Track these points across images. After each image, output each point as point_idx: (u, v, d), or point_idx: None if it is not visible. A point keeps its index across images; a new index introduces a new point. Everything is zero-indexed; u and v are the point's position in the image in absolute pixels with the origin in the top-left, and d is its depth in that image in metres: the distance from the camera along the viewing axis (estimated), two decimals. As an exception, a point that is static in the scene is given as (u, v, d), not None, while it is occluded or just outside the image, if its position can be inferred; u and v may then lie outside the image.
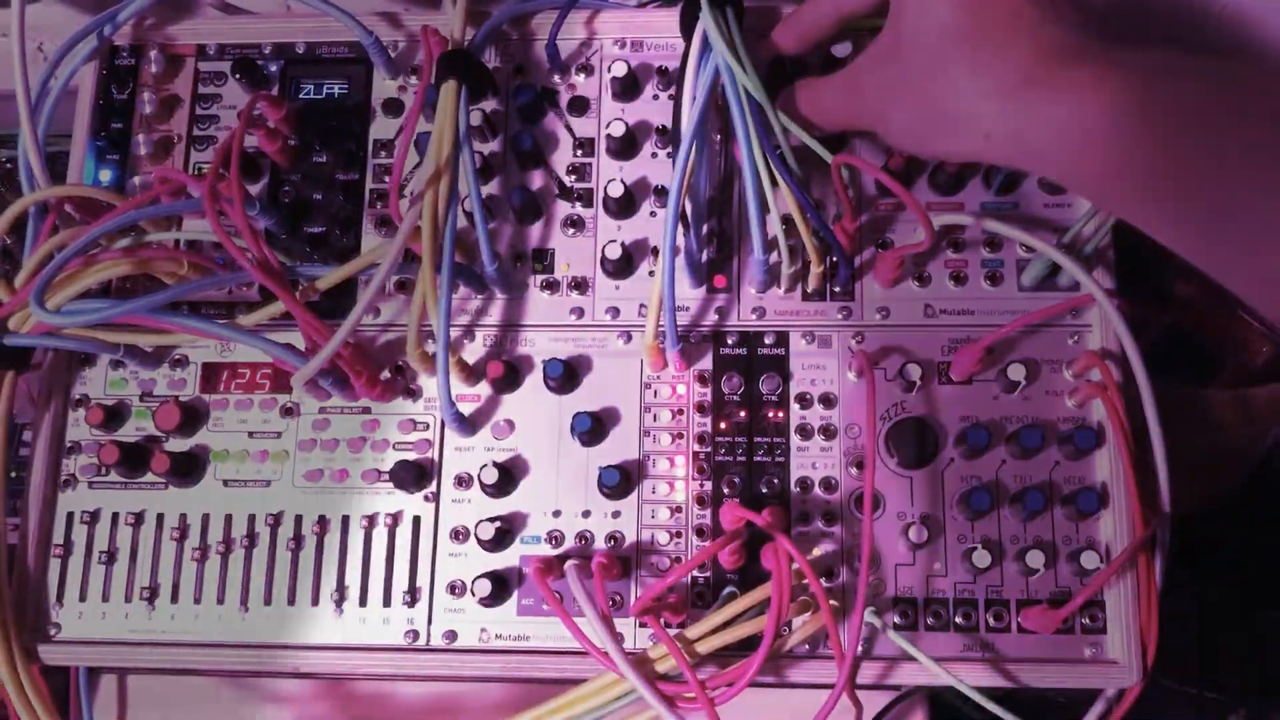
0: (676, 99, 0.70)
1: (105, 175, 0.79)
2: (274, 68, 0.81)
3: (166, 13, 0.82)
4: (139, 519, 0.74)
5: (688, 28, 0.70)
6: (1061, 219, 0.75)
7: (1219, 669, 1.01)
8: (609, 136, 0.76)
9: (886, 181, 0.64)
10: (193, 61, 0.81)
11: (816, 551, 0.70)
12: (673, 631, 0.66)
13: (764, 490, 0.72)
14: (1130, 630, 0.69)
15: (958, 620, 0.70)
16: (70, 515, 0.74)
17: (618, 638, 0.64)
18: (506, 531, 0.72)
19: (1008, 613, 0.70)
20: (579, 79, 0.79)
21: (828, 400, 0.73)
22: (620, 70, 0.76)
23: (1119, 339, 0.71)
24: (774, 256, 0.72)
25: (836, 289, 0.75)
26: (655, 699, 0.62)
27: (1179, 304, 1.06)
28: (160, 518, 0.74)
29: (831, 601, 0.65)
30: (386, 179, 0.78)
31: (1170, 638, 0.70)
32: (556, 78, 0.79)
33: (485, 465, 0.71)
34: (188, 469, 0.74)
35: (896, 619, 0.70)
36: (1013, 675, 0.69)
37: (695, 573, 0.71)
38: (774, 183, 0.68)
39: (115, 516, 0.74)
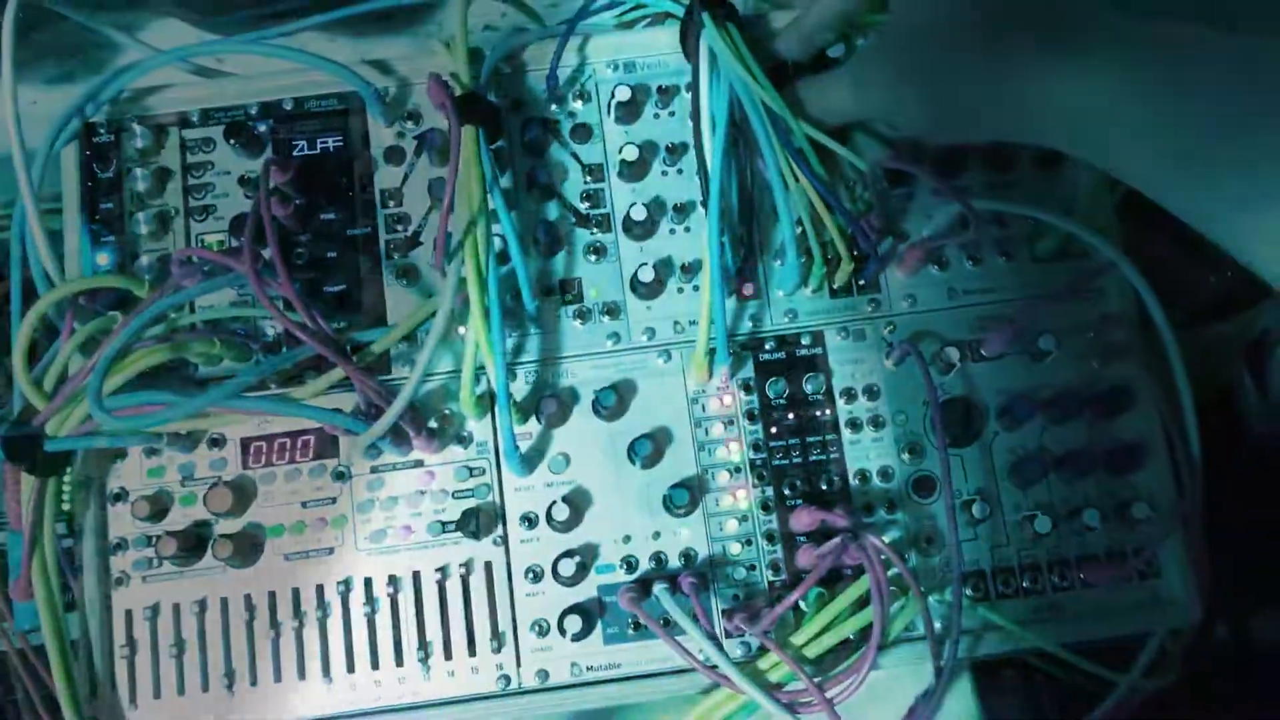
0: (695, 120, 0.71)
1: (104, 259, 0.76)
2: (263, 127, 0.79)
3: (140, 83, 0.79)
4: (202, 606, 0.72)
5: (692, 47, 0.71)
6: (1062, 191, 0.78)
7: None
8: (622, 161, 0.76)
9: (938, 184, 0.66)
10: (177, 131, 0.79)
11: (886, 539, 0.73)
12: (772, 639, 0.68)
13: (824, 487, 0.74)
14: (1185, 569, 0.73)
15: (1025, 585, 0.73)
16: (129, 613, 0.72)
17: (727, 654, 0.65)
18: (582, 564, 0.72)
19: (1070, 571, 0.73)
20: (578, 106, 0.80)
21: (871, 392, 0.76)
22: (625, 95, 0.76)
23: (1136, 298, 0.75)
24: (801, 257, 0.74)
25: (862, 283, 0.77)
26: (777, 709, 0.64)
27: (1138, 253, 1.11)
28: (225, 601, 0.72)
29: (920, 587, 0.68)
30: (399, 229, 0.77)
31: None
32: (554, 107, 0.80)
33: (555, 502, 0.72)
34: (246, 549, 0.72)
35: (969, 592, 0.73)
36: (1081, 628, 0.72)
37: (771, 576, 0.73)
38: (797, 183, 0.69)
39: (177, 607, 0.72)
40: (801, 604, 0.71)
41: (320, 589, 0.73)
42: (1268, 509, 1.17)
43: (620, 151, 0.76)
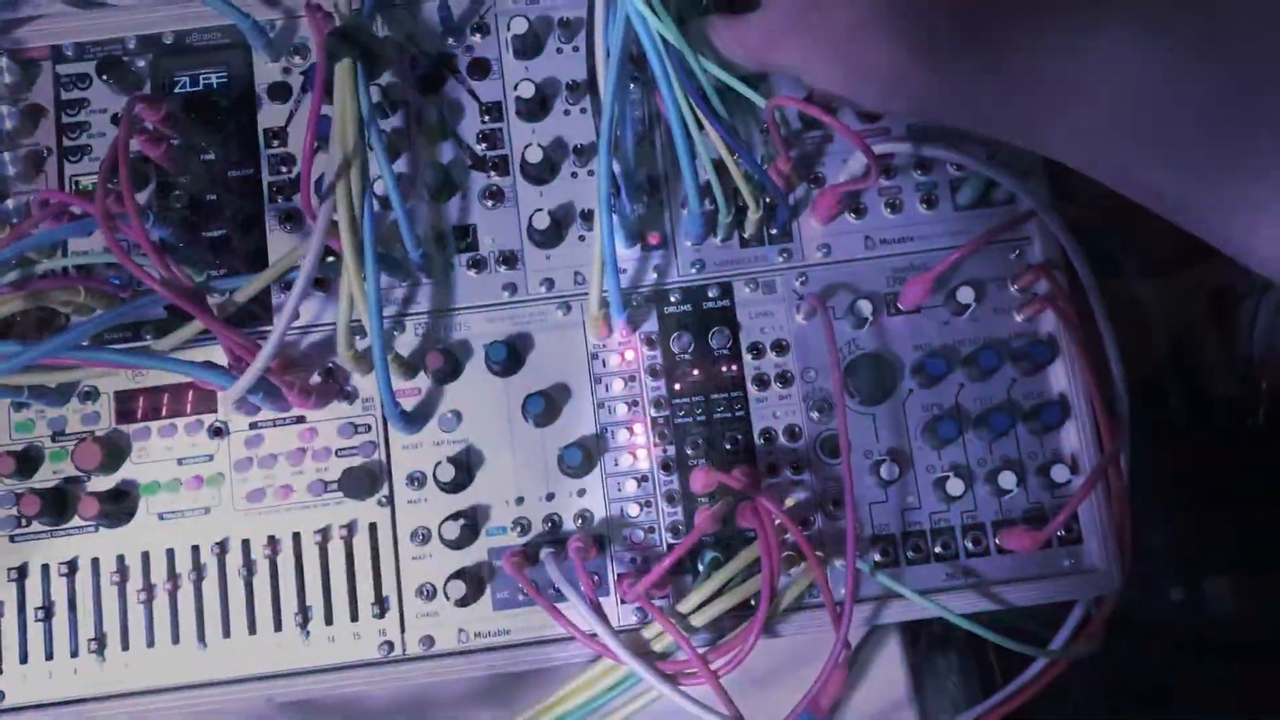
0: (589, 54, 0.67)
1: (-29, 202, 0.72)
2: (142, 63, 0.74)
3: (8, 14, 0.74)
4: (72, 567, 0.69)
5: (588, -25, 0.66)
6: (988, 133, 0.73)
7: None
8: (519, 99, 0.71)
9: (829, 122, 0.61)
10: (49, 65, 0.74)
11: (790, 502, 0.69)
12: (660, 604, 0.65)
13: (729, 447, 0.70)
14: (1107, 536, 0.69)
15: (937, 550, 0.70)
16: (-7, 574, 0.69)
17: (609, 623, 0.62)
18: (471, 526, 0.69)
19: (985, 536, 0.70)
20: (476, 40, 0.75)
21: (780, 347, 0.71)
22: (521, 27, 0.71)
23: (1061, 248, 0.70)
24: (708, 205, 0.69)
25: (774, 231, 0.73)
26: (657, 680, 0.60)
27: (1081, 196, 1.07)
28: (95, 563, 0.69)
29: (816, 552, 0.64)
30: (283, 170, 0.73)
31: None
32: (451, 41, 0.75)
33: (440, 462, 0.68)
34: (118, 508, 0.69)
35: (877, 557, 0.69)
36: (997, 596, 0.69)
37: (671, 539, 0.69)
38: (700, 128, 0.65)
39: (45, 568, 0.69)
40: (703, 568, 0.68)
41: (196, 550, 0.69)
42: (1228, 469, 1.13)
43: (517, 88, 0.71)
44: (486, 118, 0.74)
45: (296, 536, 0.69)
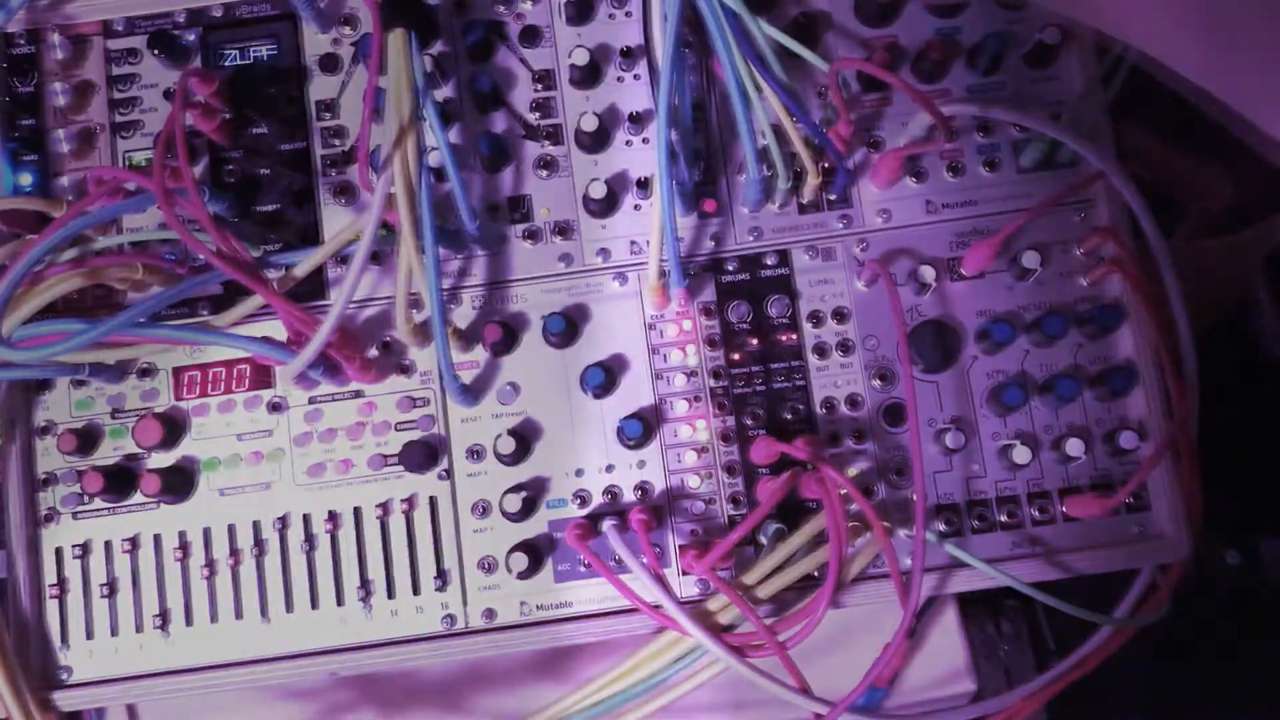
0: (644, 18, 0.65)
1: (25, 179, 0.72)
2: (192, 37, 0.74)
3: (60, -10, 0.74)
4: (134, 544, 0.69)
5: (643, -61, 0.65)
6: (1051, 94, 0.72)
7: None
8: (572, 66, 0.70)
9: (895, 82, 0.60)
10: (100, 41, 0.74)
11: (852, 471, 0.68)
12: (724, 577, 0.64)
13: (789, 417, 0.69)
14: (1176, 504, 0.68)
15: (1003, 519, 0.69)
16: (59, 551, 0.69)
17: (675, 595, 0.62)
18: (531, 499, 0.68)
19: (1052, 504, 0.69)
20: (527, 7, 0.74)
21: (840, 315, 0.70)
22: (575, -7, 0.70)
23: (1129, 210, 0.69)
24: (765, 170, 0.68)
25: (832, 197, 0.72)
26: (725, 652, 0.60)
27: (1135, 156, 1.05)
28: (158, 539, 0.69)
29: (883, 521, 0.63)
30: (336, 143, 0.72)
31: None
32: (502, 8, 0.74)
33: (500, 435, 0.68)
34: (179, 484, 0.69)
35: (942, 526, 0.68)
36: (1065, 565, 0.68)
37: (732, 510, 0.69)
38: (759, 92, 0.64)
39: (108, 545, 0.69)
40: (764, 541, 0.67)
41: (257, 525, 0.69)
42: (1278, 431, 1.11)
43: (570, 55, 0.70)
44: (539, 86, 0.73)
45: (357, 511, 0.69)
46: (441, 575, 0.69)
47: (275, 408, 0.70)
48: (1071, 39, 0.71)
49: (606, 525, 0.66)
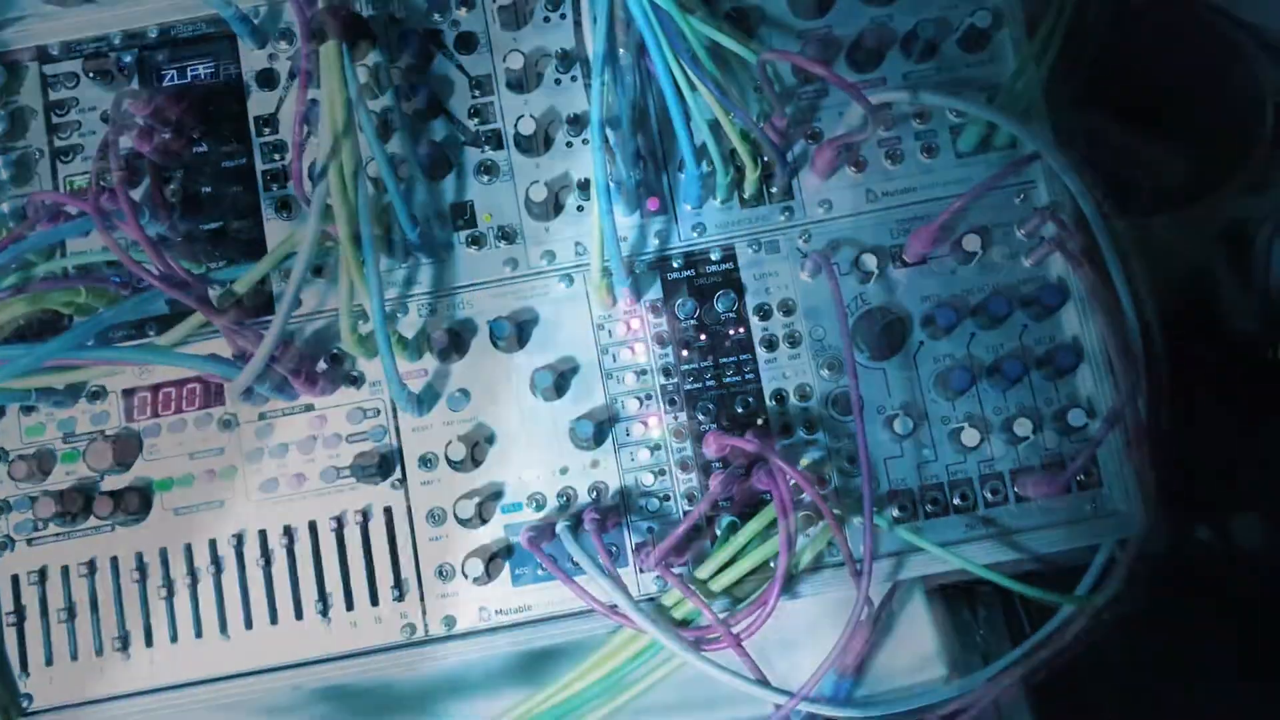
0: (577, 21, 0.66)
1: (-35, 208, 0.72)
2: (129, 58, 0.74)
3: (-8, 17, 0.74)
4: (91, 567, 0.69)
5: (570, -63, 0.65)
6: (986, 77, 0.72)
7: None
8: (508, 70, 0.71)
9: (823, 73, 0.60)
10: (36, 67, 0.74)
11: (804, 461, 0.68)
12: (679, 571, 0.64)
13: (740, 410, 0.69)
14: (1128, 478, 0.68)
15: (955, 502, 0.69)
16: (15, 578, 0.69)
17: (629, 593, 0.62)
18: (485, 505, 0.68)
19: (1004, 485, 0.69)
20: (461, 14, 0.74)
21: (786, 307, 0.71)
22: (508, -2, 0.71)
23: (1067, 189, 0.69)
24: (705, 167, 0.69)
25: (774, 190, 0.72)
26: (680, 647, 0.60)
27: (1083, 139, 1.06)
28: (115, 561, 0.69)
29: (835, 510, 0.63)
30: (276, 158, 0.72)
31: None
32: (437, 16, 0.74)
33: (450, 442, 0.68)
34: (133, 505, 0.69)
35: (896, 512, 0.69)
36: (1019, 545, 0.68)
37: (688, 506, 0.69)
38: (693, 89, 0.64)
39: (65, 570, 0.69)
40: (719, 534, 0.67)
41: (213, 543, 0.69)
42: (1249, 405, 1.12)
43: (506, 60, 0.70)
44: (477, 92, 0.73)
45: (313, 524, 0.69)
46: (399, 585, 0.69)
47: (226, 425, 0.70)
48: (1003, 22, 0.71)
49: (560, 527, 0.66)
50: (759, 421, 0.69)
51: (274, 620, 0.68)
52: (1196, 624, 1.04)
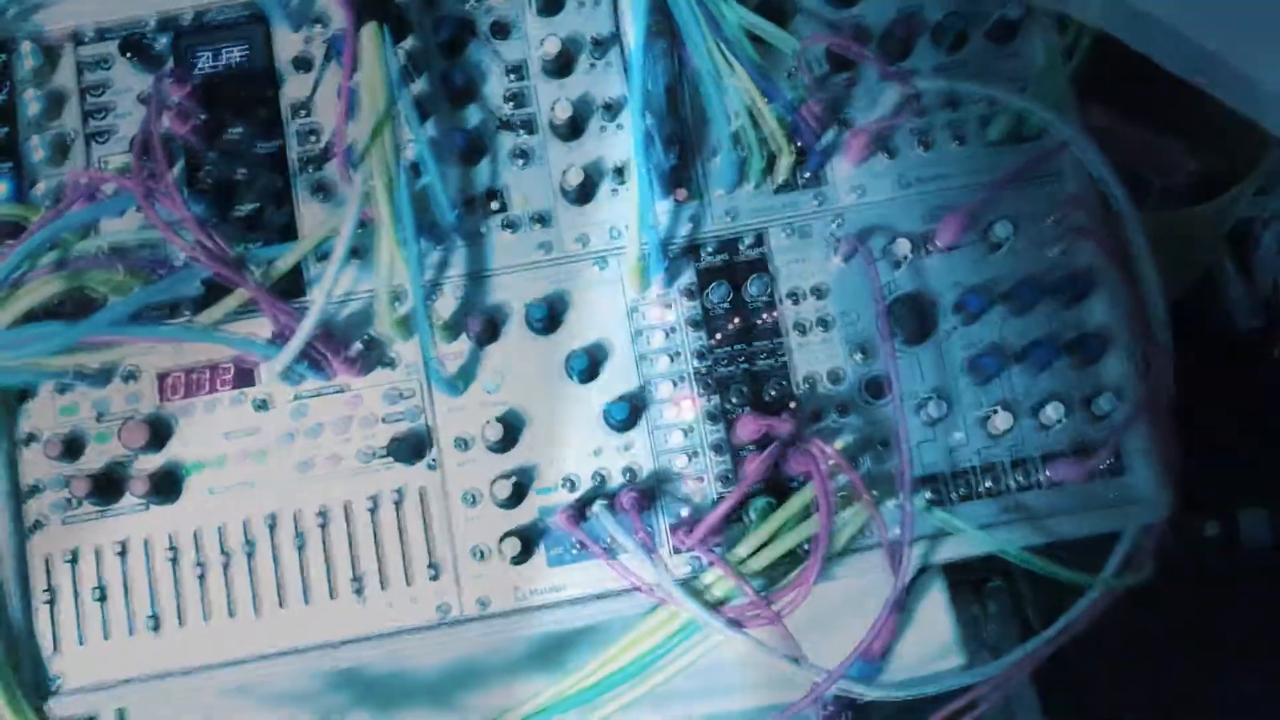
0: (614, 6, 0.67)
1: (1, 188, 0.72)
2: (164, 41, 0.74)
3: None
4: (124, 547, 0.69)
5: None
6: (1015, 70, 0.73)
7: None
8: (544, 58, 0.71)
9: (862, 57, 0.61)
10: (71, 48, 0.74)
11: (838, 444, 0.69)
12: (719, 552, 0.65)
13: (773, 394, 0.70)
14: (1153, 465, 0.69)
15: (986, 486, 0.70)
16: (49, 558, 0.69)
17: (669, 570, 0.62)
18: (520, 485, 0.69)
19: (1033, 470, 0.70)
20: (496, 1, 0.74)
21: (819, 292, 0.71)
22: (543, -16, 0.71)
23: (1096, 179, 0.70)
24: (740, 152, 0.69)
25: (806, 175, 0.73)
26: (721, 624, 0.61)
27: (1098, 133, 1.07)
28: (148, 542, 0.69)
29: (873, 491, 0.64)
30: (311, 141, 0.73)
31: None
32: (472, 2, 0.74)
33: (487, 423, 0.68)
34: (166, 486, 0.69)
35: (927, 496, 0.69)
36: (1048, 529, 0.69)
37: (720, 489, 0.69)
38: (731, 73, 0.64)
39: (98, 550, 0.69)
40: (754, 516, 0.68)
41: (246, 524, 0.69)
42: (1255, 402, 1.13)
43: (542, 46, 0.71)
44: (512, 77, 0.74)
45: (347, 505, 0.69)
46: (434, 565, 0.69)
47: (260, 406, 0.70)
48: (1033, 15, 0.72)
49: (596, 507, 0.67)
50: (790, 405, 0.70)
51: (307, 600, 0.68)
52: (1203, 616, 1.05)
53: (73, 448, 0.69)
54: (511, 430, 0.69)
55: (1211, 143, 1.05)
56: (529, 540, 0.68)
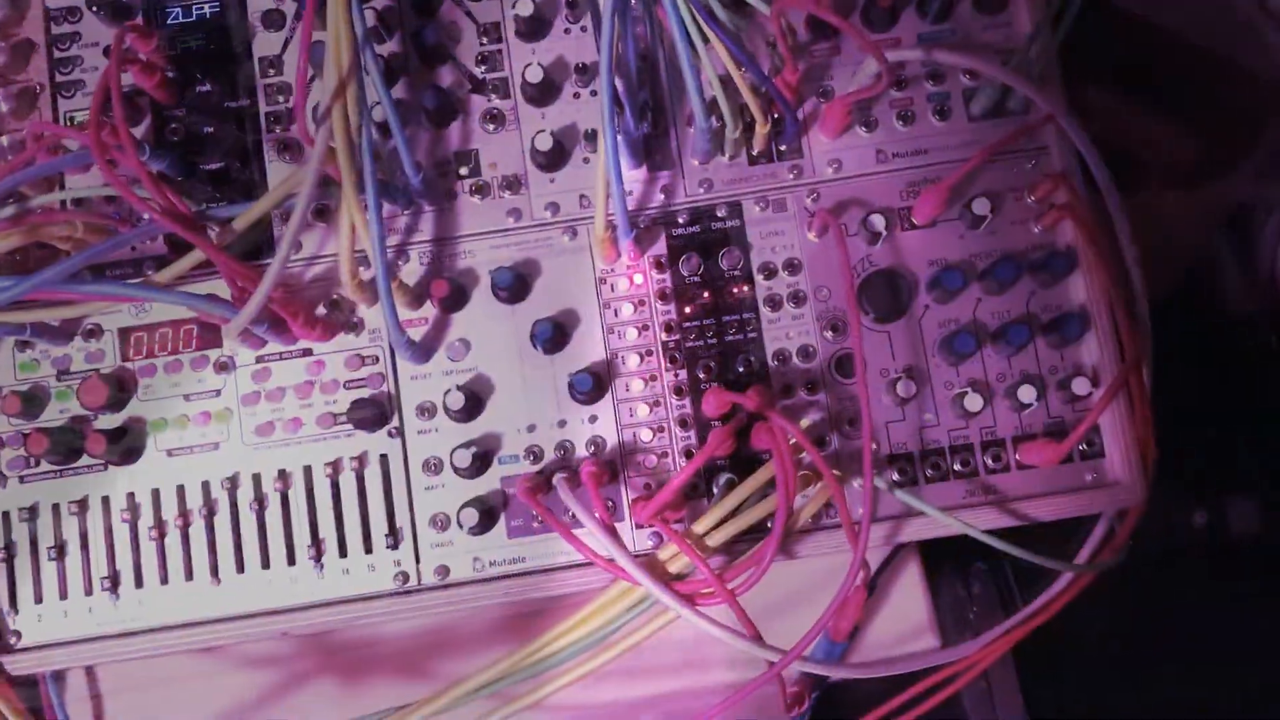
0: (588, -33, 0.65)
1: (-35, 141, 0.71)
2: (134, -7, 0.73)
3: (-3, -52, 0.73)
4: (83, 506, 0.68)
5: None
6: (1002, 40, 0.71)
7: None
8: (517, 18, 0.70)
9: (840, 23, 0.59)
10: (39, 0, 0.73)
11: (805, 422, 0.68)
12: (675, 527, 0.64)
13: (741, 369, 0.69)
14: (1129, 450, 0.68)
15: (956, 467, 0.68)
16: (5, 514, 0.68)
17: (625, 546, 0.61)
18: (483, 455, 0.68)
19: (1005, 452, 0.68)
20: (472, -40, 0.73)
21: (792, 266, 0.70)
22: (519, -57, 0.69)
23: (1080, 156, 0.68)
24: (714, 121, 0.68)
25: (783, 147, 0.71)
26: (674, 600, 0.60)
27: (1097, 114, 1.05)
28: (106, 501, 0.68)
29: (834, 471, 0.63)
30: (280, 100, 0.71)
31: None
32: (447, -39, 0.73)
33: (449, 390, 0.67)
34: (126, 445, 0.68)
35: (895, 476, 0.68)
36: (1018, 512, 0.68)
37: (684, 462, 0.68)
38: (705, 40, 0.63)
39: (56, 508, 0.68)
40: (716, 493, 0.67)
41: (206, 486, 0.69)
42: (1249, 390, 1.11)
43: (515, 7, 0.69)
44: (485, 39, 0.72)
45: (307, 470, 0.69)
46: (394, 533, 0.68)
47: (223, 367, 0.69)
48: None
49: (557, 479, 0.66)
50: (760, 381, 0.69)
51: (265, 565, 0.68)
52: (1189, 605, 1.04)
53: (32, 404, 0.69)
54: (474, 399, 0.68)
55: (1212, 125, 1.03)
56: (490, 510, 0.68)
